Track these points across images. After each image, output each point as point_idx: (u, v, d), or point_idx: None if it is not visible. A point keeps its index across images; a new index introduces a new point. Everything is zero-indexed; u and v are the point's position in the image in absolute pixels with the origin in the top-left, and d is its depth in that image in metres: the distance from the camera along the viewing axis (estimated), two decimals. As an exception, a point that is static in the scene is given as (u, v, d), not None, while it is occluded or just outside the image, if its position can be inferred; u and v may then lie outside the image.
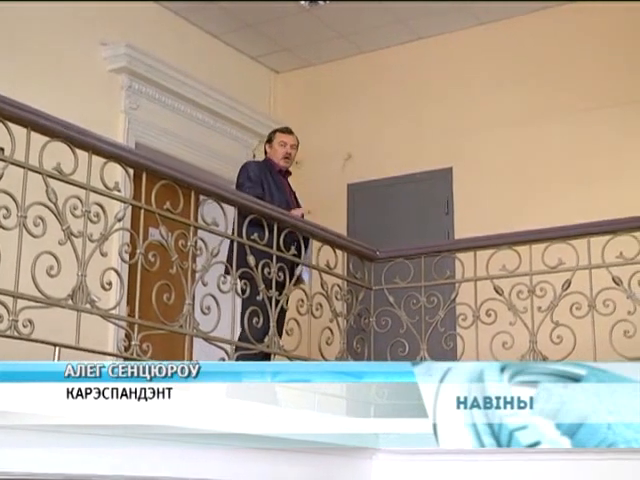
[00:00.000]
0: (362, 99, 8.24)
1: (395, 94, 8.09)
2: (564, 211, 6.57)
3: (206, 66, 7.79)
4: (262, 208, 4.79)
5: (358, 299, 5.36)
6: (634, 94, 6.98)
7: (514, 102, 7.50)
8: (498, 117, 7.53)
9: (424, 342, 5.26)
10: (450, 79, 7.86)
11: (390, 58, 8.16)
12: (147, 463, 3.77)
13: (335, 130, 8.24)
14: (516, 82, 7.54)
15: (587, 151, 7.09)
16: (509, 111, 7.50)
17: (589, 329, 4.81)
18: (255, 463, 4.33)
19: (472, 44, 7.81)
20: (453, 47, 7.89)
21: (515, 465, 4.78)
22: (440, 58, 7.95)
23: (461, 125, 7.66)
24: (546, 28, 7.48)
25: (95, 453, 3.56)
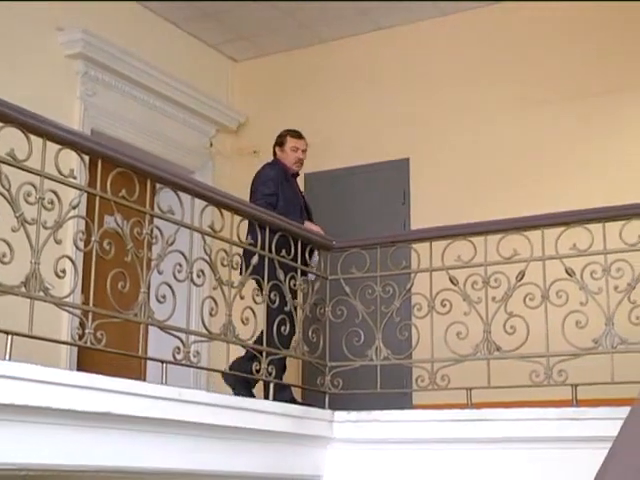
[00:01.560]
0: (321, 89, 8.24)
1: (354, 84, 8.10)
2: (519, 203, 6.63)
3: (164, 54, 7.74)
4: (220, 197, 4.77)
5: (314, 289, 5.37)
6: (588, 87, 7.06)
7: (471, 94, 7.54)
8: (455, 109, 7.57)
9: (379, 332, 5.28)
10: (409, 70, 7.88)
11: (349, 48, 8.17)
12: (99, 451, 3.76)
13: (293, 119, 8.20)
14: (473, 74, 7.58)
15: (542, 143, 7.15)
16: (466, 103, 7.54)
17: (542, 319, 4.87)
18: (208, 452, 4.33)
19: (431, 35, 7.83)
20: (412, 38, 7.91)
21: (471, 455, 4.83)
22: (399, 49, 7.97)
23: (419, 116, 7.69)
24: (503, 21, 7.52)
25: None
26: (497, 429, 4.77)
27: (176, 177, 4.54)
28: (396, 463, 5.01)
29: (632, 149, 6.85)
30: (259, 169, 6.23)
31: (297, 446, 4.92)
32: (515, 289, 4.98)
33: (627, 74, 6.97)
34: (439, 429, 4.92)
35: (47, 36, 6.73)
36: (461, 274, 5.16)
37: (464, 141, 7.47)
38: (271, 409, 4.70)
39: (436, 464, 4.90)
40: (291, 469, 4.90)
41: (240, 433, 4.48)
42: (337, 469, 5.10)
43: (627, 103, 6.94)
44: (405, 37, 7.94)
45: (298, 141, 6.21)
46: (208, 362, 6.16)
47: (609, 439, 2.05)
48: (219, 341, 4.74)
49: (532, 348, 4.95)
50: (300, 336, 5.21)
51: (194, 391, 4.43)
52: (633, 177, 6.68)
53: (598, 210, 5.02)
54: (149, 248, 4.24)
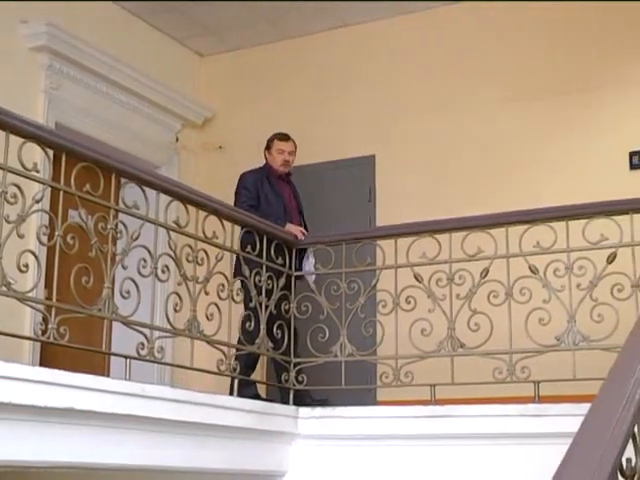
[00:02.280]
0: (287, 85, 8.24)
1: (320, 80, 8.10)
2: (484, 201, 6.65)
3: (130, 47, 7.68)
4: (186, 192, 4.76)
5: (279, 285, 5.37)
6: (552, 86, 7.11)
7: (437, 92, 7.57)
8: (422, 106, 7.59)
9: (344, 328, 5.29)
10: (375, 67, 7.90)
11: (315, 44, 8.16)
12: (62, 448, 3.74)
13: (259, 115, 8.21)
14: (439, 72, 7.61)
15: (507, 142, 7.19)
16: (432, 100, 7.56)
17: (506, 317, 4.90)
18: (172, 448, 4.32)
19: (398, 32, 7.85)
20: (379, 35, 7.92)
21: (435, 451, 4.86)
22: (365, 45, 7.98)
23: (385, 113, 7.71)
24: (468, 20, 7.55)
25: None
26: (460, 425, 4.80)
27: (141, 172, 4.52)
28: (360, 459, 5.02)
29: (595, 148, 6.91)
30: (240, 175, 6.31)
31: (261, 442, 4.92)
32: (479, 286, 5.02)
33: (591, 74, 7.03)
34: (403, 425, 4.94)
35: (11, 28, 6.65)
36: (426, 271, 5.19)
37: (430, 139, 7.49)
38: (235, 405, 4.70)
39: (400, 460, 4.92)
40: (255, 465, 4.90)
41: (204, 429, 4.47)
42: (301, 465, 5.11)
43: (591, 102, 6.99)
44: (371, 34, 7.95)
45: (284, 143, 6.36)
46: (172, 358, 6.13)
47: (570, 435, 2.06)
48: (183, 337, 4.72)
49: (495, 345, 4.99)
50: (264, 332, 5.20)
51: (158, 387, 4.41)
52: (596, 176, 6.74)
53: (561, 208, 5.07)
54: (113, 243, 4.22)
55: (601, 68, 7.00)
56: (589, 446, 1.97)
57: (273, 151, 6.33)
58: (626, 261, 4.73)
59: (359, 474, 4.99)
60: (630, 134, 6.80)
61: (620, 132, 6.85)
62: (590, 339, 4.72)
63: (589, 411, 2.11)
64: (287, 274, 5.45)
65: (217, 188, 6.59)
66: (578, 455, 1.94)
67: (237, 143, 8.26)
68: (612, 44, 7.01)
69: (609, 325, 4.58)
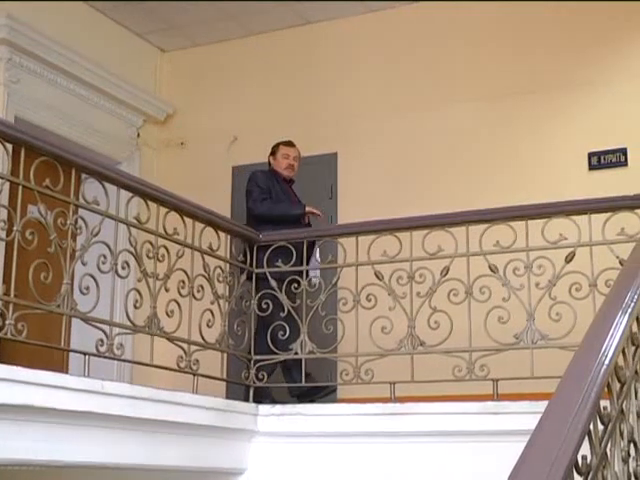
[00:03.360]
0: (249, 81, 8.22)
1: (283, 78, 8.09)
2: (445, 199, 6.70)
3: (91, 42, 7.62)
4: (147, 188, 4.73)
5: (240, 282, 5.36)
6: (513, 87, 7.16)
7: (399, 90, 7.59)
8: (384, 105, 7.62)
9: (304, 326, 5.29)
10: (337, 65, 7.90)
11: (279, 41, 8.16)
12: (20, 445, 3.70)
13: (221, 112, 8.19)
14: (401, 70, 7.64)
15: (466, 141, 7.24)
16: (394, 99, 7.59)
17: (465, 315, 4.93)
18: (131, 445, 4.29)
19: (361, 31, 7.87)
20: (342, 33, 7.94)
21: (394, 448, 4.87)
22: (328, 43, 7.99)
23: (347, 111, 7.72)
24: (432, 19, 7.59)
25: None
26: (420, 423, 4.81)
27: (101, 167, 4.49)
28: (320, 456, 5.03)
29: (555, 149, 6.97)
30: (250, 174, 6.39)
31: (221, 439, 4.91)
32: (439, 285, 5.04)
33: (552, 75, 7.09)
34: (363, 423, 4.95)
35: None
36: (387, 269, 5.20)
37: (392, 137, 7.52)
38: (196, 402, 4.68)
39: (360, 458, 4.93)
40: (215, 462, 4.88)
41: (164, 426, 4.45)
42: (261, 462, 5.10)
43: (551, 103, 7.06)
44: (334, 32, 7.96)
45: (289, 149, 6.46)
46: (132, 355, 6.10)
47: (528, 432, 2.08)
48: (143, 334, 4.70)
49: (455, 343, 5.02)
50: (225, 329, 5.19)
51: (117, 384, 4.39)
52: (556, 176, 6.80)
53: (521, 208, 5.10)
54: (73, 239, 4.18)
55: (562, 69, 7.07)
56: (546, 443, 1.98)
57: (278, 156, 6.43)
58: (584, 261, 4.78)
59: (318, 471, 5.00)
60: (589, 135, 6.87)
61: (579, 133, 6.92)
62: (548, 337, 4.76)
63: (546, 409, 2.13)
64: (248, 271, 5.45)
65: (178, 184, 6.59)
66: (535, 452, 1.96)
67: (199, 140, 8.23)
68: (573, 45, 7.08)
69: (567, 324, 4.63)
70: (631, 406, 2.71)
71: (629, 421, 2.64)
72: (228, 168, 8.04)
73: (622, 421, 2.54)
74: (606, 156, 6.80)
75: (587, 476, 2.13)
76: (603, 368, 2.32)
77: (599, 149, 6.81)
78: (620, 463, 2.46)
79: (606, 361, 2.36)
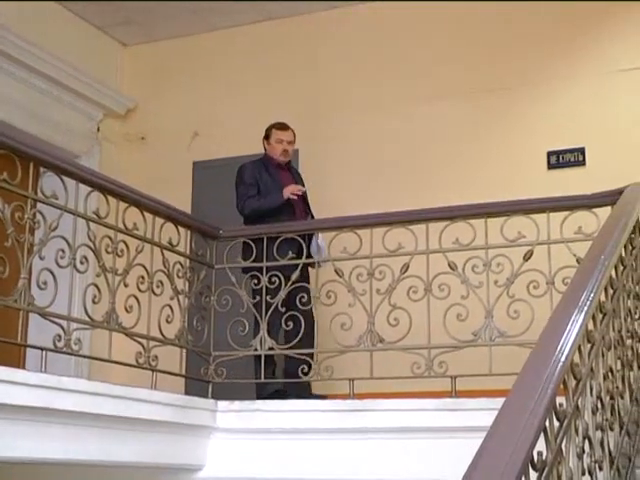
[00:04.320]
0: (211, 77, 8.19)
1: (244, 73, 8.07)
2: (405, 196, 6.73)
3: (51, 35, 7.54)
4: (106, 183, 4.70)
5: (200, 277, 5.34)
6: (473, 85, 7.20)
7: (361, 88, 7.60)
8: (345, 102, 7.62)
9: (264, 322, 5.29)
10: (299, 61, 7.89)
11: (240, 37, 8.13)
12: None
13: (182, 107, 8.16)
14: (365, 69, 7.64)
15: (428, 139, 7.26)
16: (356, 97, 7.60)
17: (424, 312, 4.95)
18: (89, 442, 4.27)
19: (323, 28, 7.86)
20: (303, 29, 7.93)
21: (353, 444, 4.88)
22: (291, 40, 7.98)
23: (309, 107, 7.71)
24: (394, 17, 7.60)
25: None
26: (378, 419, 4.84)
27: (60, 161, 4.45)
28: (279, 453, 5.03)
29: (515, 147, 7.02)
30: (238, 168, 6.30)
31: (179, 435, 4.89)
32: (399, 282, 5.07)
33: (511, 73, 7.14)
34: (322, 419, 4.96)
35: None
36: (347, 266, 5.21)
37: (353, 135, 7.52)
38: (154, 398, 4.66)
39: (318, 454, 4.94)
40: (173, 458, 4.87)
41: (122, 422, 4.42)
42: (220, 459, 5.09)
43: (511, 101, 7.11)
44: (296, 28, 7.95)
45: (283, 133, 6.30)
46: (90, 350, 6.06)
47: (486, 429, 2.10)
48: (102, 329, 4.67)
49: (414, 340, 5.04)
50: (185, 325, 5.18)
51: (75, 379, 4.36)
52: (515, 174, 6.85)
53: (480, 206, 5.14)
54: (31, 233, 4.14)
55: (521, 67, 7.12)
56: (502, 439, 2.00)
57: (272, 140, 6.29)
58: (542, 259, 4.82)
59: (277, 468, 5.00)
60: (548, 134, 6.93)
61: (539, 132, 6.97)
62: (506, 335, 4.80)
63: (503, 405, 2.15)
64: (209, 265, 5.43)
65: (139, 179, 6.55)
66: (491, 448, 1.97)
67: (160, 134, 8.19)
68: (533, 44, 7.13)
69: (525, 321, 4.67)
70: (586, 403, 2.75)
71: (584, 418, 2.67)
72: (189, 163, 8.01)
73: (577, 417, 2.57)
74: (565, 155, 6.86)
75: (542, 472, 2.15)
76: (559, 365, 2.34)
77: (558, 148, 6.87)
78: (575, 459, 2.49)
79: (562, 358, 2.38)
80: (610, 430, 3.19)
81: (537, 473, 2.13)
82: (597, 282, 3.01)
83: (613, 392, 3.33)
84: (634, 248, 4.25)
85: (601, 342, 3.09)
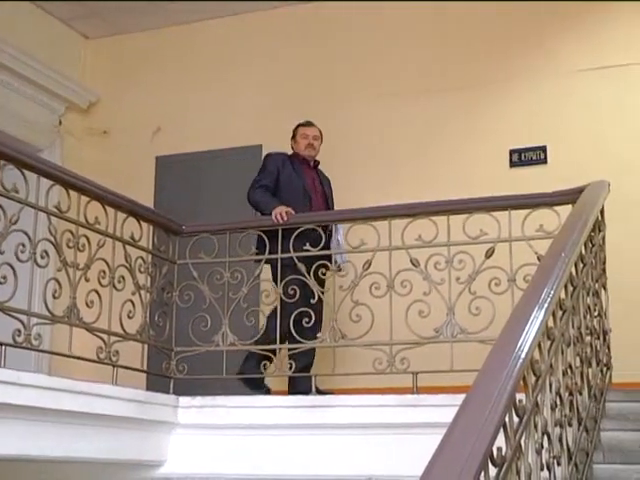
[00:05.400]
0: (174, 71, 8.15)
1: (208, 68, 8.04)
2: (367, 193, 6.73)
3: (13, 27, 7.45)
4: (68, 177, 4.66)
5: (162, 273, 5.32)
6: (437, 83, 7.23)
7: (322, 84, 7.60)
8: (307, 98, 7.61)
9: (226, 318, 5.28)
10: (262, 56, 7.87)
11: (204, 31, 8.10)
12: None
13: (146, 101, 8.11)
14: (324, 65, 7.64)
15: (391, 136, 7.28)
16: (318, 92, 7.59)
17: (387, 308, 4.97)
18: (50, 437, 4.23)
19: (287, 23, 7.85)
20: (267, 24, 7.90)
21: (315, 440, 4.89)
22: (253, 35, 7.95)
23: (272, 103, 7.70)
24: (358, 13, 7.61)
25: None
26: (340, 415, 4.84)
27: (21, 154, 4.41)
28: (240, 448, 5.02)
29: (477, 145, 7.06)
30: (267, 153, 6.27)
31: (141, 431, 4.87)
32: (361, 278, 5.07)
33: (474, 72, 7.17)
34: (283, 415, 4.96)
35: None
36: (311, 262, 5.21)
37: (316, 130, 7.51)
38: (114, 394, 4.63)
39: (280, 450, 4.94)
40: (134, 454, 4.85)
41: (82, 418, 4.39)
42: (181, 454, 5.07)
43: (474, 100, 7.14)
44: (259, 23, 7.93)
45: (307, 128, 6.30)
46: (50, 345, 6.01)
47: (446, 425, 2.11)
48: (62, 324, 4.63)
49: (376, 336, 5.06)
50: (146, 320, 5.15)
51: (34, 375, 4.33)
52: (478, 172, 6.89)
53: (443, 203, 5.17)
54: (-9, 227, 4.10)
55: (484, 67, 7.16)
56: (462, 435, 2.01)
57: (297, 137, 6.29)
58: (503, 256, 4.86)
59: (238, 464, 4.99)
60: (511, 132, 6.97)
61: (501, 130, 7.02)
62: (468, 331, 4.83)
63: (463, 402, 2.16)
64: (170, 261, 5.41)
65: (101, 173, 6.49)
66: (452, 444, 1.98)
67: (122, 129, 8.13)
68: (496, 43, 7.18)
69: (486, 318, 4.70)
70: (545, 399, 2.77)
71: (543, 414, 2.70)
72: (152, 158, 7.97)
73: (536, 414, 2.59)
74: (527, 153, 6.92)
75: (502, 467, 2.16)
76: (519, 362, 2.36)
77: (520, 146, 6.92)
78: (534, 454, 2.52)
79: (522, 355, 2.40)
80: (569, 426, 3.22)
81: (496, 469, 2.14)
82: (557, 280, 3.04)
83: (572, 388, 3.37)
84: (594, 246, 4.31)
85: (561, 339, 3.12)
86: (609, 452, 3.74)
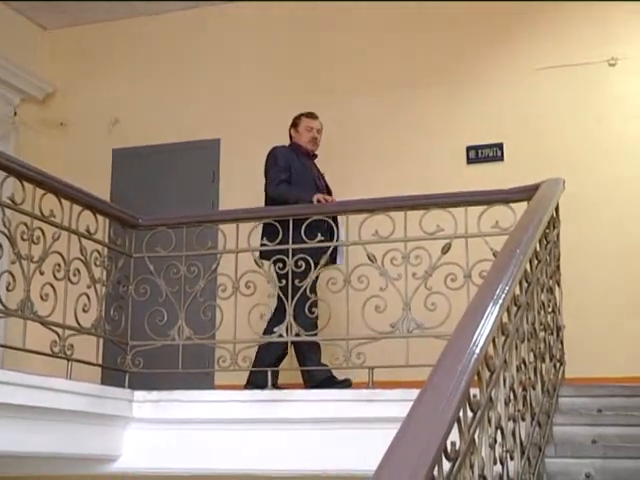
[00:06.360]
0: (133, 63, 8.10)
1: (167, 61, 8.00)
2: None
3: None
4: (22, 168, 4.61)
5: (118, 266, 5.28)
6: (395, 80, 7.27)
7: (281, 78, 7.60)
8: (267, 92, 7.61)
9: (183, 311, 5.25)
10: (221, 50, 7.86)
11: (163, 24, 8.06)
12: None
13: (103, 93, 8.05)
14: (283, 59, 7.64)
15: (349, 132, 7.30)
16: (277, 87, 7.59)
17: (343, 303, 4.98)
18: (3, 432, 4.19)
19: (245, 17, 7.84)
20: (226, 18, 7.89)
21: (271, 434, 4.89)
22: (214, 28, 7.93)
23: (230, 97, 7.68)
24: (317, 8, 7.61)
25: None
26: (296, 410, 4.84)
27: (-25, 146, 4.35)
28: (196, 443, 5.00)
29: (435, 142, 7.11)
30: (270, 150, 6.11)
31: (95, 426, 4.83)
32: (318, 273, 5.08)
33: (433, 70, 7.22)
34: (239, 409, 4.95)
35: None
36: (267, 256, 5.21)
37: (274, 125, 7.48)
38: (68, 388, 4.59)
39: (236, 444, 4.94)
40: (89, 449, 4.81)
41: (36, 412, 4.35)
42: (136, 449, 5.04)
43: (432, 97, 7.18)
44: (220, 17, 7.90)
45: (312, 121, 6.19)
46: (4, 339, 5.95)
47: (402, 420, 2.12)
48: (16, 317, 4.58)
49: (333, 331, 5.07)
50: (102, 314, 5.11)
51: (-13, 369, 4.28)
52: (435, 169, 6.94)
53: (400, 199, 5.19)
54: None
55: (441, 64, 7.21)
56: (417, 429, 2.02)
57: (301, 128, 6.16)
58: (460, 252, 4.88)
59: (194, 458, 4.98)
60: (468, 129, 7.02)
61: (458, 127, 7.07)
62: (424, 327, 4.85)
63: (417, 397, 2.17)
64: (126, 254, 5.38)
65: (57, 166, 6.44)
66: (406, 438, 1.99)
67: (79, 121, 8.07)
68: (454, 42, 7.23)
69: (442, 313, 4.72)
70: (499, 394, 2.79)
71: (497, 409, 2.72)
72: (108, 150, 7.92)
73: (490, 409, 2.61)
74: (483, 150, 6.98)
75: (455, 462, 2.18)
76: (474, 357, 2.38)
77: (477, 143, 6.97)
78: (487, 449, 2.53)
79: (477, 350, 2.41)
80: (522, 420, 3.25)
81: (450, 463, 2.15)
82: (512, 276, 3.06)
83: (525, 383, 3.39)
84: (548, 243, 4.35)
85: (515, 334, 3.15)
86: (561, 446, 3.78)
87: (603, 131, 6.82)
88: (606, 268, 6.52)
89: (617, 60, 6.83)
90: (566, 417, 4.10)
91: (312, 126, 6.17)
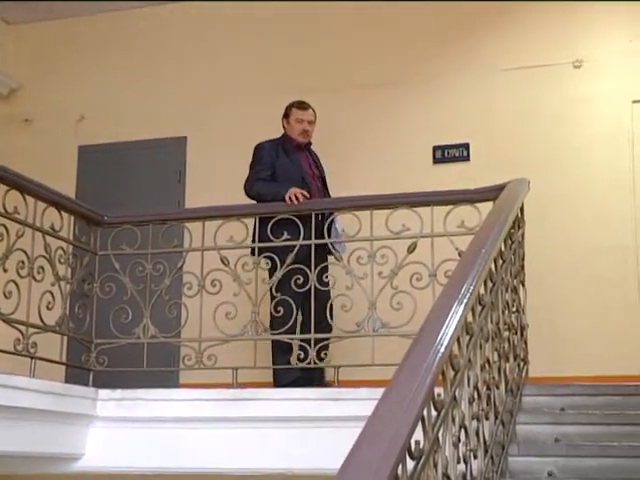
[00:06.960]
0: (99, 59, 8.04)
1: (133, 57, 7.96)
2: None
3: None
4: None
5: (83, 264, 5.25)
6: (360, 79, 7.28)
7: (247, 76, 7.59)
8: (234, 90, 7.59)
9: (148, 310, 5.23)
10: (189, 47, 7.83)
11: (130, 19, 8.01)
12: None
13: (68, 89, 7.99)
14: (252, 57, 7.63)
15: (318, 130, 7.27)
16: (244, 85, 7.58)
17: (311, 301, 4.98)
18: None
19: (211, 14, 7.80)
20: (193, 15, 7.86)
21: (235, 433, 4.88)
22: (181, 24, 7.90)
23: (198, 95, 7.66)
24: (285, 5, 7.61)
25: None
26: (261, 409, 4.84)
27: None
28: (160, 442, 4.98)
29: (401, 141, 7.13)
30: (255, 146, 6.02)
31: (58, 424, 4.79)
32: (283, 271, 5.08)
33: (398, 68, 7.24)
34: (204, 408, 4.93)
35: None
36: (232, 255, 5.20)
37: (241, 123, 7.49)
38: (31, 386, 4.55)
39: (201, 443, 4.92)
40: (51, 448, 4.78)
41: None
42: (100, 448, 5.01)
43: (399, 96, 7.20)
44: (186, 13, 7.87)
45: (303, 112, 6.03)
46: (-34, 337, 5.89)
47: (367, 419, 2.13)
48: (-21, 315, 4.55)
49: (299, 329, 5.06)
50: (66, 312, 5.08)
51: (-52, 366, 4.23)
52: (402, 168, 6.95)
53: (366, 198, 5.20)
54: None
55: (408, 63, 7.23)
56: (381, 428, 2.03)
57: (291, 120, 6.02)
58: (425, 251, 4.90)
59: (158, 457, 4.95)
60: (434, 129, 7.05)
61: (425, 127, 7.09)
62: (389, 326, 4.87)
63: (382, 395, 2.18)
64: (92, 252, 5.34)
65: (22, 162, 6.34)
66: (370, 437, 2.00)
67: (44, 117, 8.00)
68: (420, 39, 7.25)
69: (407, 313, 4.74)
70: (463, 393, 2.81)
71: (461, 407, 2.73)
72: (74, 147, 7.86)
73: (454, 407, 2.62)
74: (450, 150, 7.01)
75: (419, 460, 2.19)
76: (438, 356, 2.39)
77: (443, 143, 7.00)
78: (451, 448, 2.55)
79: (441, 349, 2.43)
80: (485, 419, 3.27)
81: (414, 461, 2.16)
82: (477, 275, 3.08)
83: (489, 383, 3.42)
84: (513, 242, 4.38)
85: (479, 334, 3.17)
86: (524, 445, 3.81)
87: (568, 133, 6.87)
88: (570, 268, 6.58)
89: (582, 62, 6.89)
90: (529, 416, 4.13)
91: (302, 118, 6.04)
